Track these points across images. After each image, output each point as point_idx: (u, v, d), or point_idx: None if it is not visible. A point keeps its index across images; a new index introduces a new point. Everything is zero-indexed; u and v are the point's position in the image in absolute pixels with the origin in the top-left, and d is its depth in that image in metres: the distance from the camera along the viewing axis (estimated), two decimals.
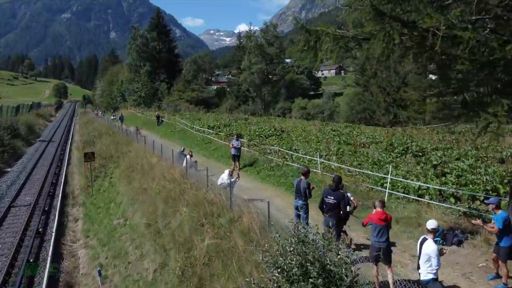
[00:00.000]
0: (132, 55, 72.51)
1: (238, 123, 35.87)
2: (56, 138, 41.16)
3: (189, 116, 43.51)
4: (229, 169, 12.43)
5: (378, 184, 13.12)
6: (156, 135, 33.28)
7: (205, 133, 29.20)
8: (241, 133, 28.76)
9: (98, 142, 27.93)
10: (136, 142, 22.22)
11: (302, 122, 40.21)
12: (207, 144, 25.12)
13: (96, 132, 33.67)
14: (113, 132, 30.28)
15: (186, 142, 27.28)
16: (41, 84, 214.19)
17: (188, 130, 31.86)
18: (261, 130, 29.84)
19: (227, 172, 12.19)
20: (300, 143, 23.43)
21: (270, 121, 39.60)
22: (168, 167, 14.56)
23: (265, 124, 36.91)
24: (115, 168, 19.90)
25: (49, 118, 67.89)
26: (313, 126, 34.08)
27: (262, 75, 59.45)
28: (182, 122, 35.36)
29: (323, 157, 17.70)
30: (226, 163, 19.42)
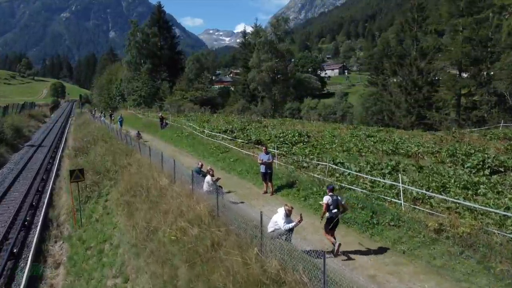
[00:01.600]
0: (131, 52, 68.02)
1: (253, 126, 31.55)
2: (47, 142, 36.73)
3: (195, 118, 39.15)
4: (285, 207, 8.00)
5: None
6: (160, 140, 28.87)
7: (220, 139, 24.83)
8: (261, 138, 24.46)
9: (92, 150, 23.49)
10: (138, 152, 17.78)
11: (323, 124, 35.82)
12: (224, 154, 20.72)
13: (91, 136, 29.25)
14: (110, 137, 25.86)
15: (197, 150, 22.90)
16: (39, 83, 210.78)
17: (197, 135, 27.48)
18: (284, 135, 25.49)
19: (283, 212, 7.78)
20: (340, 153, 19.06)
21: (288, 124, 35.21)
22: (187, 194, 10.19)
23: (284, 127, 32.58)
24: (111, 187, 15.49)
25: (43, 119, 63.37)
26: (341, 129, 29.70)
27: (272, 73, 55.00)
28: (190, 125, 30.97)
29: (386, 177, 13.34)
30: (255, 182, 15.06)
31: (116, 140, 23.65)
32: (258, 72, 55.16)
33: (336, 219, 8.52)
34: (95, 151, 22.35)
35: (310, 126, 33.97)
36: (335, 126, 34.97)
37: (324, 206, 8.48)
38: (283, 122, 37.14)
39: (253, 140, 24.07)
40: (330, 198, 8.52)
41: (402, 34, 54.23)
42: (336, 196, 8.69)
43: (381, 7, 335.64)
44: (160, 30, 70.39)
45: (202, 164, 13.54)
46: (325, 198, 8.58)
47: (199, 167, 13.30)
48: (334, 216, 8.49)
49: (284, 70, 56.48)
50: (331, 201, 8.48)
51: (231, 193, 13.48)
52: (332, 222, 8.48)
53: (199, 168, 13.21)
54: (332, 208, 8.48)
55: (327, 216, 8.54)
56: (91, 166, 18.06)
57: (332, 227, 8.60)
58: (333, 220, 8.49)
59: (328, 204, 8.45)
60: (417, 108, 51.06)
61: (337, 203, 8.56)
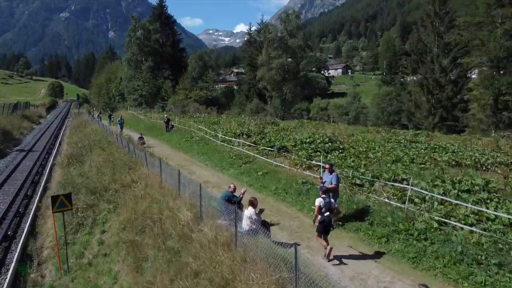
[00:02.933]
0: (132, 49, 64.16)
1: (270, 129, 27.84)
2: (39, 146, 32.93)
3: (203, 119, 35.43)
4: None
5: None
6: (167, 146, 25.12)
7: (237, 145, 21.11)
8: (286, 144, 20.74)
9: (88, 158, 19.71)
10: (144, 164, 14.02)
11: (347, 127, 32.07)
12: (248, 164, 16.98)
13: (87, 141, 25.49)
14: (109, 142, 22.08)
15: (213, 160, 19.16)
16: (37, 83, 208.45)
17: (210, 139, 23.75)
18: (311, 140, 21.77)
19: None
20: (392, 165, 15.37)
21: (308, 126, 31.51)
22: (226, 242, 6.47)
23: (305, 129, 28.86)
24: (110, 213, 11.76)
25: (37, 120, 59.49)
26: (372, 133, 26.00)
27: (282, 71, 51.22)
28: (201, 128, 27.25)
29: (491, 205, 9.61)
30: (300, 206, 11.37)
31: (116, 147, 19.89)
32: (267, 70, 51.41)
33: (328, 222, 8.32)
34: (91, 160, 18.59)
35: (335, 128, 30.30)
36: (361, 128, 31.32)
37: (316, 209, 8.19)
38: (302, 124, 33.44)
39: (277, 146, 20.37)
40: (322, 200, 8.20)
41: (422, 28, 50.64)
42: (329, 199, 8.39)
43: (382, 6, 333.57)
44: (162, 26, 66.65)
45: (234, 188, 9.77)
46: (318, 200, 8.25)
47: (230, 191, 9.57)
48: (327, 220, 8.25)
49: (295, 68, 52.70)
50: (323, 204, 8.18)
51: (274, 226, 9.79)
52: (324, 225, 8.23)
53: (231, 193, 9.49)
54: (324, 211, 8.18)
55: (319, 220, 8.20)
56: (84, 182, 14.29)
57: (325, 231, 8.32)
58: (325, 223, 8.23)
59: (321, 207, 8.14)
60: (440, 108, 47.37)
61: (330, 206, 8.31)
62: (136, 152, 15.61)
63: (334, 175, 9.86)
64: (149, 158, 13.55)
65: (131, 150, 16.40)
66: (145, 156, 13.53)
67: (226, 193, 9.52)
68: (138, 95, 60.59)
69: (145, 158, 13.45)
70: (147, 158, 13.45)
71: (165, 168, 11.63)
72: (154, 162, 13.00)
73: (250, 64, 72.42)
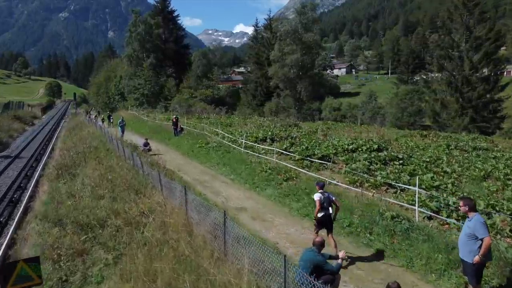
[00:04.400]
0: (132, 45, 60.00)
1: (294, 132, 23.75)
2: (28, 152, 28.77)
3: (214, 121, 31.35)
4: None
5: None
6: (177, 153, 20.99)
7: (265, 152, 17.02)
8: (328, 152, 16.67)
9: (81, 172, 15.58)
10: (157, 186, 9.85)
11: (380, 129, 27.86)
12: (290, 181, 12.89)
13: (81, 146, 21.38)
14: (108, 150, 17.94)
15: (239, 173, 15.03)
16: (35, 83, 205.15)
17: (229, 145, 19.64)
18: (354, 147, 17.74)
19: None
20: (474, 186, 11.36)
21: (337, 129, 27.37)
22: None
23: (336, 132, 24.76)
24: (108, 268, 7.62)
25: (31, 121, 55.28)
26: (416, 137, 21.84)
27: (297, 67, 47.06)
28: (216, 132, 23.14)
29: None
30: (400, 256, 7.30)
31: (117, 157, 15.77)
32: (280, 66, 47.27)
33: (328, 218, 7.66)
34: (84, 175, 14.46)
35: (368, 131, 26.19)
36: (396, 131, 27.14)
37: (318, 205, 7.61)
38: (328, 127, 29.30)
39: (318, 154, 16.28)
40: (321, 195, 7.67)
41: (448, 21, 46.62)
42: (328, 194, 7.83)
43: (383, 6, 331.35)
44: (164, 21, 62.55)
45: (321, 243, 5.65)
46: (317, 195, 7.72)
47: (315, 250, 5.49)
48: (327, 216, 7.66)
49: (311, 64, 48.54)
50: (323, 199, 7.62)
51: None
52: (325, 222, 7.66)
53: (317, 252, 5.42)
54: (325, 206, 7.63)
55: (319, 216, 7.63)
56: (72, 212, 10.12)
57: (327, 227, 7.68)
58: (325, 219, 7.65)
59: (322, 201, 7.57)
60: (469, 108, 43.33)
61: (329, 201, 7.70)
62: (144, 168, 11.41)
63: (475, 220, 5.65)
64: (164, 179, 9.37)
65: (137, 165, 12.23)
66: (159, 176, 9.33)
67: (310, 253, 5.43)
68: (139, 94, 56.46)
69: (159, 178, 9.29)
70: (162, 178, 9.27)
71: (191, 199, 7.46)
72: (173, 185, 8.84)
73: (257, 62, 68.46)
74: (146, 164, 12.10)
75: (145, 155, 17.65)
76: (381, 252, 7.81)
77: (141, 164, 11.36)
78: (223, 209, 6.75)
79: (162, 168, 12.75)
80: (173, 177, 13.07)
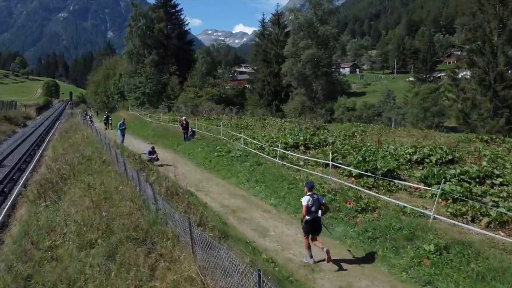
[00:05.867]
0: (132, 41, 55.80)
1: (326, 136, 19.67)
2: (11, 160, 24.57)
3: (226, 122, 27.28)
4: None
5: None
6: (190, 163, 16.86)
7: (308, 166, 12.98)
8: (392, 166, 12.64)
9: (68, 191, 11.52)
10: (182, 236, 5.74)
11: (429, 132, 23.71)
12: (369, 214, 8.80)
13: (73, 155, 17.29)
14: (104, 162, 13.84)
15: (285, 196, 10.94)
16: (33, 82, 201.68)
17: (257, 154, 15.55)
18: (419, 158, 13.76)
19: None
20: None
21: (370, 132, 23.26)
22: None
23: (369, 137, 20.69)
24: None
25: (23, 122, 51.08)
26: (487, 144, 17.81)
27: (312, 63, 42.93)
28: (235, 136, 19.07)
29: None
30: None
31: (116, 175, 11.68)
32: (294, 62, 43.15)
33: (318, 221, 7.46)
34: (71, 198, 10.39)
35: (411, 134, 22.11)
36: (449, 135, 23.04)
37: (304, 209, 7.34)
38: (363, 130, 25.13)
39: (382, 169, 12.22)
40: (310, 198, 7.36)
41: (479, 13, 42.67)
42: (317, 196, 7.53)
43: (385, 5, 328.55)
44: (166, 15, 58.41)
45: None
46: (305, 199, 7.41)
47: None
48: (316, 218, 7.40)
49: (327, 60, 44.44)
50: (311, 202, 7.34)
51: None
52: (312, 225, 7.43)
53: None
54: (314, 209, 7.34)
55: (307, 219, 7.36)
56: (44, 273, 6.06)
57: (315, 231, 7.51)
58: (314, 223, 7.42)
59: (309, 206, 7.31)
60: (504, 108, 39.29)
61: (318, 203, 7.40)
62: (159, 203, 7.12)
63: None
64: (200, 233, 5.17)
65: (148, 195, 7.95)
66: (190, 227, 5.15)
67: None
68: (140, 93, 52.32)
69: (190, 230, 5.13)
70: (194, 231, 5.12)
71: None
72: (210, 240, 4.74)
73: (264, 59, 64.41)
74: (161, 195, 7.96)
75: (154, 167, 13.56)
76: None
77: (153, 194, 7.14)
78: None
79: (184, 195, 8.63)
80: (193, 203, 9.04)
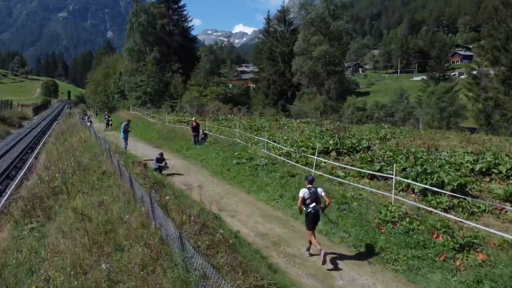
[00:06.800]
0: (133, 38, 53.21)
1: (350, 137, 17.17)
2: (2, 164, 22.10)
3: (238, 123, 24.73)
4: None
5: None
6: (205, 172, 14.33)
7: (348, 176, 10.50)
8: (463, 181, 10.15)
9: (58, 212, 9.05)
10: None
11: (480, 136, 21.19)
12: (468, 260, 6.30)
13: (67, 161, 14.78)
14: (103, 174, 11.30)
15: (339, 225, 8.43)
16: (32, 82, 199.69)
17: (284, 161, 13.05)
18: (483, 167, 11.30)
19: None
20: None
21: (402, 134, 20.75)
22: None
23: (401, 141, 18.18)
24: None
25: (18, 123, 48.50)
26: None
27: (324, 60, 40.39)
28: (253, 138, 16.58)
29: None
30: None
31: (117, 187, 9.19)
32: (306, 59, 40.61)
33: (315, 214, 7.32)
34: (59, 227, 7.89)
35: (447, 137, 19.62)
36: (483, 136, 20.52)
37: (300, 201, 7.35)
38: (393, 131, 22.59)
39: (452, 184, 9.72)
40: (307, 190, 7.36)
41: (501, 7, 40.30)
42: (315, 188, 7.40)
43: (386, 5, 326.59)
44: (169, 10, 55.88)
45: None
46: (302, 191, 7.42)
47: None
48: (313, 211, 7.26)
49: (340, 57, 41.90)
50: (308, 194, 7.30)
51: None
52: (312, 217, 7.30)
53: None
54: (309, 202, 7.23)
55: (307, 211, 7.31)
56: None
57: (312, 223, 7.34)
58: (311, 216, 7.28)
59: (304, 198, 7.27)
60: None
61: (316, 196, 7.30)
62: (187, 248, 4.64)
63: None
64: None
65: (169, 233, 5.33)
66: None
67: None
68: (142, 92, 49.82)
69: None
70: None
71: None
72: None
73: (269, 58, 61.97)
74: (189, 235, 5.40)
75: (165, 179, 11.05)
76: None
77: (179, 239, 4.58)
78: None
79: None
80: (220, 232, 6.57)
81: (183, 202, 7.46)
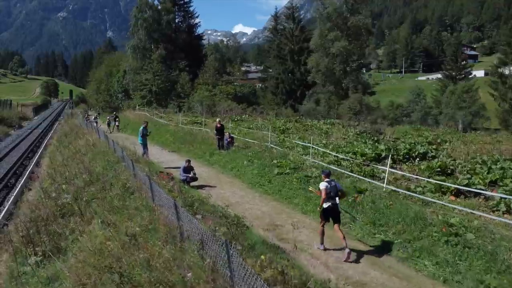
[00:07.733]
0: (138, 34, 50.87)
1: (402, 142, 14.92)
2: (0, 170, 19.81)
3: (261, 124, 22.50)
4: None
5: None
6: (239, 183, 12.02)
7: (432, 194, 8.29)
8: None
9: (71, 246, 6.80)
10: None
11: None
12: None
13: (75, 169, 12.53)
14: (125, 188, 9.08)
15: (449, 264, 6.14)
16: (31, 82, 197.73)
17: (344, 173, 10.79)
18: None
19: None
20: None
21: (454, 138, 18.56)
22: None
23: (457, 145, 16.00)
24: None
25: (18, 123, 46.18)
26: None
27: (342, 57, 38.12)
28: (291, 142, 14.32)
29: None
30: None
31: (149, 211, 6.93)
32: (322, 56, 38.33)
33: (335, 208, 7.22)
34: (73, 268, 5.61)
35: (494, 142, 17.41)
36: None
37: (324, 194, 7.13)
38: (437, 134, 20.32)
39: None
40: (328, 184, 7.20)
41: None
42: (334, 182, 7.39)
43: (387, 5, 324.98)
44: (175, 6, 53.59)
45: None
46: (322, 184, 7.25)
47: None
48: (333, 206, 7.16)
49: (359, 54, 39.62)
50: (329, 188, 7.15)
51: None
52: (330, 212, 7.20)
53: None
54: (332, 195, 7.16)
55: (325, 206, 7.18)
56: None
57: (335, 219, 7.19)
58: (332, 210, 7.18)
59: (327, 192, 7.11)
60: None
61: (336, 190, 7.24)
62: None
63: None
64: None
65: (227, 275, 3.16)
66: None
67: None
68: (147, 91, 47.56)
69: None
70: None
71: None
72: None
73: (278, 56, 59.86)
74: None
75: (203, 197, 8.80)
76: None
77: None
78: None
79: None
80: None
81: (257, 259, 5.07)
